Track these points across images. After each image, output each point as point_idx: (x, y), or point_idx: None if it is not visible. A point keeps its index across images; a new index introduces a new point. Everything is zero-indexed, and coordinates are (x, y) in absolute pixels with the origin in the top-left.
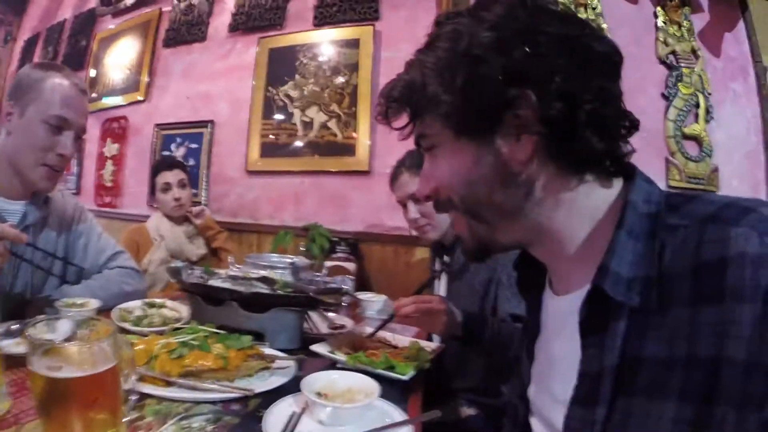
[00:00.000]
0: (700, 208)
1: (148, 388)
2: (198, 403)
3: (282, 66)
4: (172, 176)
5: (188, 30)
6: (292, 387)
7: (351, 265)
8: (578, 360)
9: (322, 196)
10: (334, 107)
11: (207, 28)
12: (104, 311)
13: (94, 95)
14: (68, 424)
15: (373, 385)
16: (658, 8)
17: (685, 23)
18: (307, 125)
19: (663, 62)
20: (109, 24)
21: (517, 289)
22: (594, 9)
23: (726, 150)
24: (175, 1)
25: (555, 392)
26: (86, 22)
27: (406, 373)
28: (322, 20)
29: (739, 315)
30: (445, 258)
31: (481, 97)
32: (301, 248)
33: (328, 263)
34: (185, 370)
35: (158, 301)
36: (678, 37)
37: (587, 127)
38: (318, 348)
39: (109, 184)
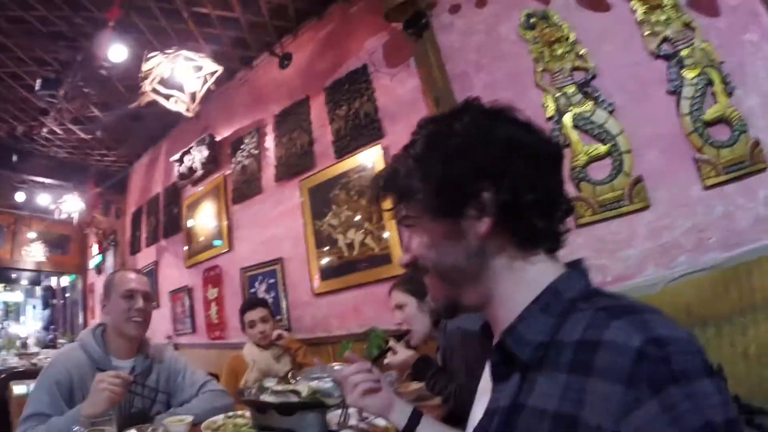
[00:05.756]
0: (605, 301)
1: None
2: None
3: (321, 200)
4: (255, 314)
5: (247, 186)
6: None
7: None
8: None
9: (377, 302)
10: (367, 225)
11: (260, 182)
12: (199, 423)
13: (193, 251)
14: None
15: None
16: (632, 2)
17: (666, 1)
18: (350, 246)
19: (658, 56)
20: (190, 192)
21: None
22: (567, 40)
23: (764, 113)
24: (233, 165)
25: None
26: (174, 193)
27: None
28: (341, 152)
29: (600, 390)
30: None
31: (452, 189)
32: (365, 351)
33: (387, 360)
34: None
35: (239, 413)
36: (664, 20)
37: (530, 210)
38: None
39: (215, 321)
